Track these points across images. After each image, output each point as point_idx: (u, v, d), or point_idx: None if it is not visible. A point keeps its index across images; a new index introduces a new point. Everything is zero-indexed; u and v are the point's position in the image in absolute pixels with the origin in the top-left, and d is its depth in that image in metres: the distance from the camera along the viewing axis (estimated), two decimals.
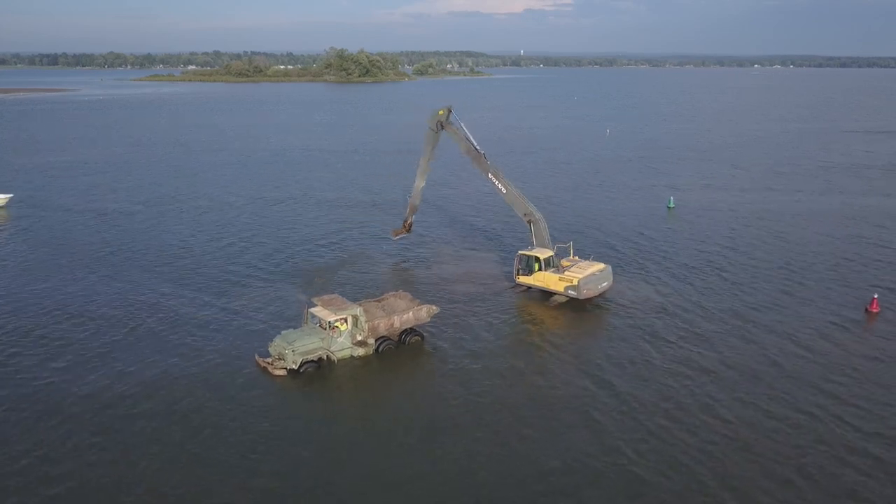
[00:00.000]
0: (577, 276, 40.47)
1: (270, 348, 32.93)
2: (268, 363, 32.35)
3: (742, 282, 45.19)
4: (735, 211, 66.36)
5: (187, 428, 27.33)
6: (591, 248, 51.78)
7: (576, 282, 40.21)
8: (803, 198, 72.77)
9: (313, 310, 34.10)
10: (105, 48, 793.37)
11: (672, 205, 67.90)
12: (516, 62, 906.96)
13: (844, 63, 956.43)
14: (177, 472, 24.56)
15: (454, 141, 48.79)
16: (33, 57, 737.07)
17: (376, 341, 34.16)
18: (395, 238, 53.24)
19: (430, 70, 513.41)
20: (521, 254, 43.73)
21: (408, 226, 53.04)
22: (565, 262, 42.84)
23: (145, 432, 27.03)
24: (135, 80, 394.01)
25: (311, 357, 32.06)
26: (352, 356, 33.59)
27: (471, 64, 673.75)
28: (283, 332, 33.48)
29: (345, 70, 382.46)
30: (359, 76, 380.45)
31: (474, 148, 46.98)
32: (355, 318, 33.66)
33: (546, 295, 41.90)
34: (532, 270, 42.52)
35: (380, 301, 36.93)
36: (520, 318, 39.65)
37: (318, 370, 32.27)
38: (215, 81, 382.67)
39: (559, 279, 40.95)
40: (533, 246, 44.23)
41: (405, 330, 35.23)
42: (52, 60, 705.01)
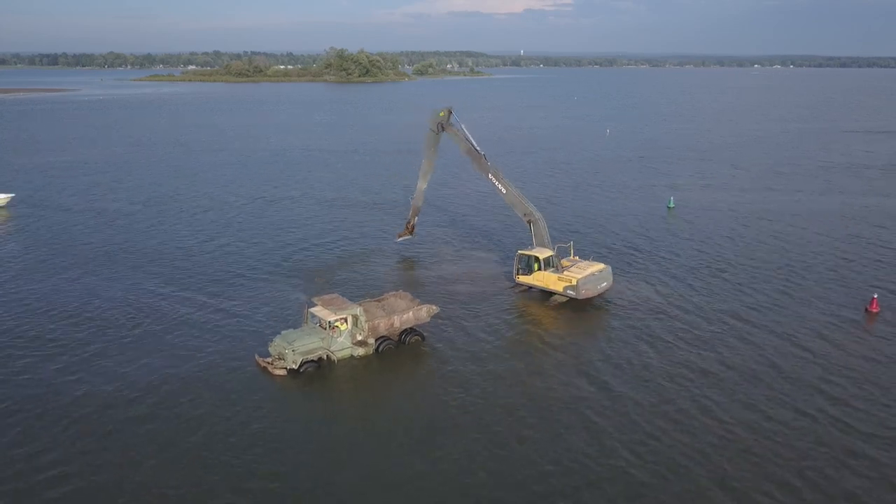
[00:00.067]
0: (575, 276, 40.51)
1: (270, 348, 32.97)
2: (268, 363, 32.40)
3: (742, 282, 45.20)
4: (735, 211, 66.38)
5: (187, 428, 27.36)
6: (591, 248, 51.82)
7: (574, 282, 40.25)
8: (803, 198, 72.79)
9: (313, 309, 34.13)
10: (105, 48, 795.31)
11: (672, 205, 67.93)
12: (516, 62, 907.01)
13: (844, 63, 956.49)
14: (177, 472, 24.59)
15: (454, 142, 48.90)
16: (33, 57, 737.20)
17: (376, 341, 34.21)
18: (399, 240, 53.34)
19: (430, 70, 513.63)
20: (520, 253, 43.80)
21: (411, 228, 53.21)
22: (565, 262, 42.89)
23: (145, 432, 27.05)
24: (135, 80, 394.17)
25: (311, 357, 32.09)
26: (352, 356, 33.63)
27: (471, 64, 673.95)
28: (283, 332, 33.52)
29: (345, 70, 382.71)
30: (359, 76, 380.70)
31: (475, 149, 47.07)
32: (355, 317, 33.70)
33: (546, 295, 41.95)
34: (532, 270, 42.58)
35: (380, 301, 36.97)
36: (519, 318, 39.68)
37: (318, 370, 32.30)
38: (215, 81, 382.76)
39: (558, 279, 40.99)
40: (533, 246, 44.31)
41: (405, 330, 35.28)
42: (52, 60, 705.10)
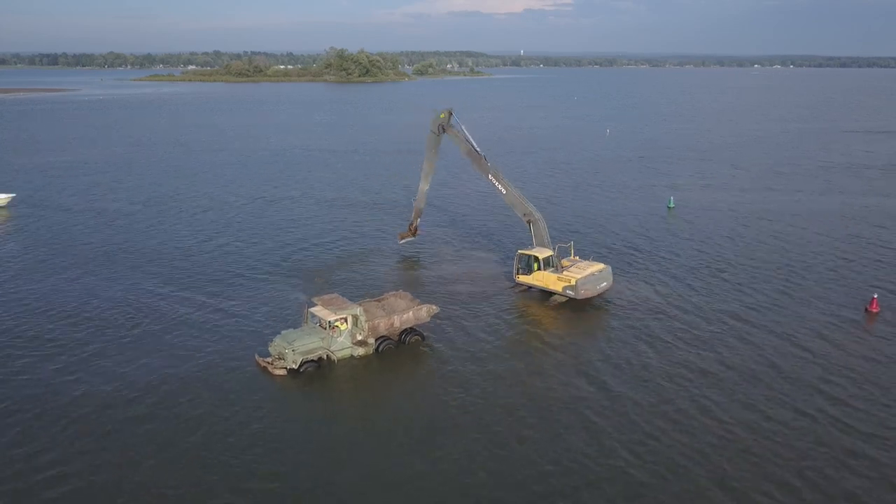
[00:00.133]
0: (575, 276, 40.52)
1: (270, 348, 32.98)
2: (268, 363, 32.40)
3: (741, 282, 45.20)
4: (735, 211, 66.38)
5: (186, 428, 27.36)
6: (591, 248, 51.83)
7: (574, 282, 40.25)
8: (803, 198, 72.80)
9: (313, 309, 34.13)
10: (105, 48, 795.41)
11: (672, 205, 67.93)
12: (516, 62, 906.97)
13: (844, 63, 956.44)
14: (176, 472, 24.59)
15: (455, 143, 48.95)
16: (33, 57, 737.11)
17: (376, 341, 34.22)
18: (401, 242, 53.31)
19: (430, 70, 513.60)
20: (520, 253, 43.82)
21: (413, 229, 53.22)
22: (565, 262, 42.91)
23: (144, 432, 27.05)
24: (135, 80, 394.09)
25: (311, 357, 32.10)
26: (352, 356, 33.63)
27: (471, 64, 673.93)
28: (283, 332, 33.53)
29: (345, 70, 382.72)
30: (359, 76, 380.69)
31: (475, 150, 47.11)
32: (355, 317, 33.71)
33: (546, 295, 41.97)
34: (531, 270, 42.60)
35: (380, 301, 36.97)
36: (519, 318, 39.68)
37: (318, 370, 32.31)
38: (215, 81, 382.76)
39: (558, 279, 41.00)
40: (533, 246, 44.32)
41: (405, 330, 35.28)
42: (52, 60, 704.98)
